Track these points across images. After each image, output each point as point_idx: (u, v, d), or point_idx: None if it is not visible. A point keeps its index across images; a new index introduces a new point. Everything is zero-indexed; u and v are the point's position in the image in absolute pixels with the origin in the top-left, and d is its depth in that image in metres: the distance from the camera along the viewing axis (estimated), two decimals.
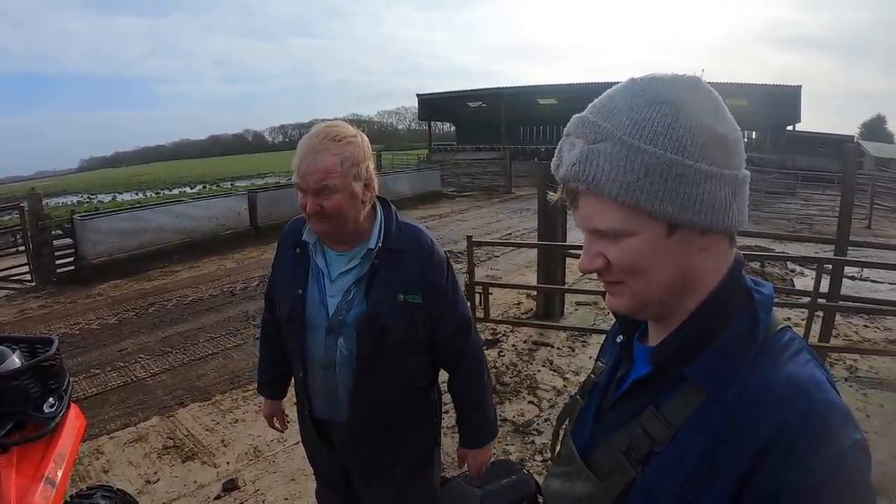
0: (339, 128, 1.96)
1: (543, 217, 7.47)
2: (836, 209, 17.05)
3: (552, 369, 6.05)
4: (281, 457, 4.50)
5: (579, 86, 32.76)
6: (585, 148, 0.89)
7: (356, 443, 2.21)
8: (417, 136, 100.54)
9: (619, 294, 0.98)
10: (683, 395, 0.92)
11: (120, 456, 4.66)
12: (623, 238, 0.91)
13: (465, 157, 31.73)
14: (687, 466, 0.87)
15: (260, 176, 61.10)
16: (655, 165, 0.85)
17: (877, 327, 7.26)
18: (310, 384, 2.19)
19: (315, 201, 1.93)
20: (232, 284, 10.37)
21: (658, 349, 0.97)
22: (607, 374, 1.14)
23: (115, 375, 6.42)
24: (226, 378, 6.22)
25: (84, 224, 11.58)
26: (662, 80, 0.90)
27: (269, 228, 14.26)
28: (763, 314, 0.93)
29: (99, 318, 8.69)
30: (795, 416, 0.80)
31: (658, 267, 0.91)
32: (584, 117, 0.92)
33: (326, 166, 1.90)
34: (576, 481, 1.06)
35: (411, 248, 2.11)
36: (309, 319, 2.11)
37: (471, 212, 19.37)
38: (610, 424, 1.03)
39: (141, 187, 60.12)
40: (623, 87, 0.93)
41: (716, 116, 0.89)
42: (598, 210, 0.91)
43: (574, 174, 0.90)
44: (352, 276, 2.08)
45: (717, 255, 0.94)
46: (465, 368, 2.29)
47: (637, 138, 0.86)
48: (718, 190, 0.87)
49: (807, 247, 10.41)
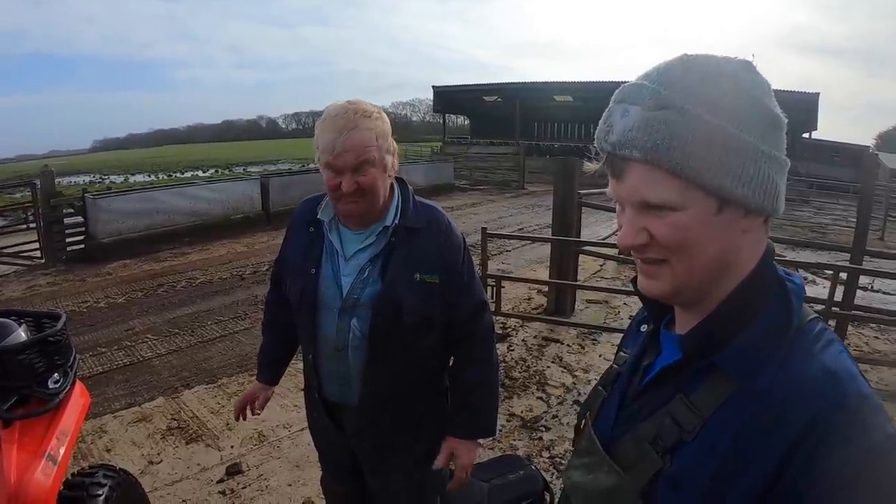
0: (362, 104, 1.93)
1: (559, 213, 7.43)
2: (850, 219, 17.19)
3: (562, 366, 6.00)
4: (286, 443, 4.46)
5: (596, 84, 32.82)
6: (645, 114, 0.85)
7: (368, 427, 2.15)
8: (431, 128, 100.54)
9: (658, 276, 0.94)
10: (714, 384, 0.89)
11: (123, 435, 4.63)
12: (671, 212, 0.87)
13: (478, 151, 31.67)
14: (717, 456, 0.84)
15: (272, 162, 61.29)
16: (717, 137, 0.82)
17: (887, 339, 7.19)
18: (321, 366, 2.13)
19: (352, 178, 1.88)
20: (242, 268, 10.36)
21: (689, 336, 0.94)
22: (632, 363, 1.10)
23: (122, 355, 6.41)
24: (233, 361, 6.19)
25: (95, 203, 11.60)
26: (717, 58, 0.88)
27: (281, 214, 14.19)
28: (796, 302, 0.90)
29: (107, 297, 8.69)
30: (830, 406, 0.79)
31: (703, 245, 0.88)
32: (640, 84, 0.88)
33: (364, 141, 1.86)
34: (598, 472, 1.03)
35: (428, 227, 2.06)
36: (322, 299, 2.05)
37: (483, 205, 19.34)
38: (635, 414, 1.01)
39: (153, 169, 60.22)
40: (677, 60, 0.89)
41: (771, 98, 0.87)
42: (650, 181, 0.87)
43: (629, 140, 0.86)
44: (367, 255, 2.03)
45: (755, 238, 0.91)
46: (476, 352, 2.22)
47: (700, 109, 0.83)
48: (772, 171, 0.86)
49: (819, 255, 10.34)
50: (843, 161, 28.75)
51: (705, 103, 0.83)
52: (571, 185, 7.33)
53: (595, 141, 0.93)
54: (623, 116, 0.88)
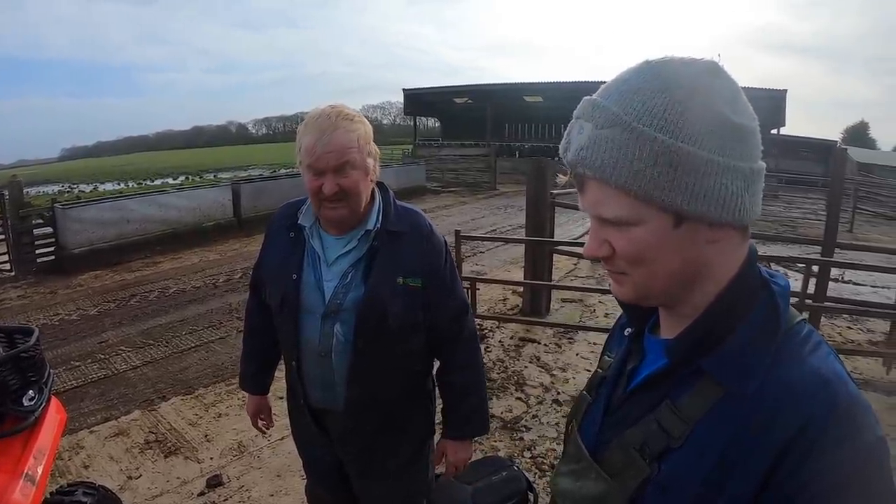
0: (345, 108, 1.95)
1: (531, 213, 7.46)
2: (819, 212, 17.49)
3: (539, 366, 6.03)
4: (266, 452, 4.43)
5: (566, 84, 33.01)
6: (594, 133, 0.86)
7: (354, 432, 2.15)
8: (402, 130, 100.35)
9: (623, 282, 0.95)
10: (701, 389, 0.88)
11: (101, 451, 4.57)
12: (629, 227, 0.88)
13: (450, 153, 31.68)
14: (708, 462, 0.84)
15: (243, 168, 60.82)
16: (665, 154, 0.81)
17: (860, 329, 7.34)
18: (304, 373, 2.12)
19: (334, 181, 1.88)
20: (215, 276, 10.28)
21: (675, 342, 0.93)
22: (616, 368, 1.09)
23: (96, 368, 6.32)
24: (209, 371, 6.14)
25: (65, 213, 11.41)
26: (678, 63, 0.86)
27: (253, 220, 14.14)
28: (783, 304, 0.90)
29: (79, 309, 8.57)
30: (821, 409, 0.79)
31: (663, 258, 0.88)
32: (594, 100, 0.89)
33: (345, 142, 1.87)
34: (586, 480, 1.02)
35: (410, 231, 2.07)
36: (304, 304, 2.05)
37: (455, 207, 19.37)
38: (621, 420, 1.00)
39: (123, 177, 59.48)
40: (637, 68, 0.88)
41: (732, 105, 0.85)
42: (604, 197, 0.88)
43: (581, 159, 0.87)
44: (349, 259, 2.03)
45: (727, 248, 0.90)
46: (462, 355, 2.24)
47: (647, 125, 0.82)
48: (731, 182, 0.84)
49: (790, 248, 10.46)
50: (811, 156, 29.21)
51: (656, 119, 0.82)
52: (544, 186, 7.36)
53: (559, 152, 0.94)
54: (579, 133, 0.89)
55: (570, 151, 0.90)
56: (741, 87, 0.88)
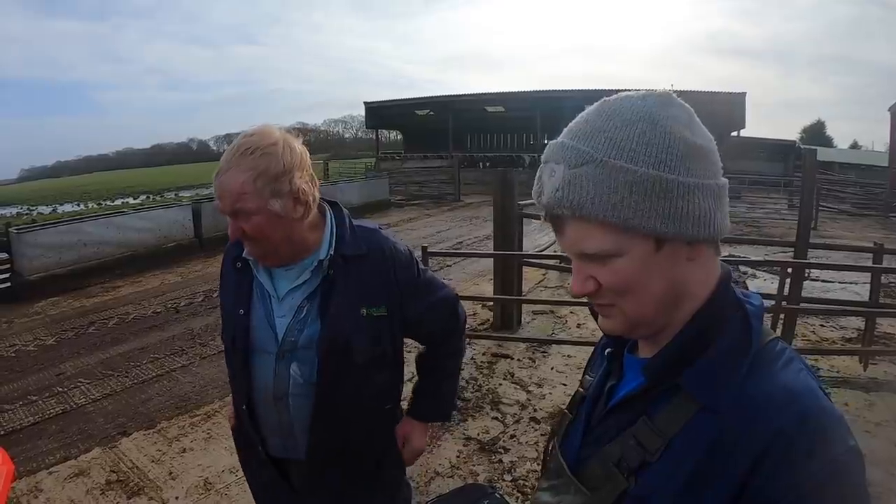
0: (255, 137, 1.73)
1: (499, 226, 7.36)
2: (782, 212, 17.75)
3: (514, 382, 5.93)
4: (234, 489, 4.24)
5: (526, 94, 33.50)
6: (568, 173, 0.90)
7: (321, 481, 1.98)
8: (364, 144, 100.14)
9: (612, 315, 0.98)
10: (677, 405, 0.92)
11: (60, 493, 4.34)
12: (612, 259, 0.91)
13: (413, 166, 31.78)
14: (683, 476, 0.87)
15: (205, 185, 60.10)
16: (639, 183, 0.86)
17: (833, 326, 7.45)
18: (259, 418, 1.95)
19: (235, 224, 1.73)
20: (176, 300, 10.01)
21: (652, 361, 0.97)
22: (597, 386, 1.13)
23: (54, 402, 6.06)
24: (171, 403, 5.91)
25: (20, 237, 11.07)
26: (634, 98, 0.92)
27: (215, 240, 13.81)
28: (755, 324, 0.94)
29: (36, 339, 8.25)
30: (792, 422, 0.82)
31: (649, 284, 0.92)
32: (562, 143, 0.93)
33: (234, 187, 1.68)
34: (565, 494, 1.05)
35: (370, 253, 1.91)
36: (255, 344, 1.89)
37: (420, 220, 19.33)
38: (600, 436, 1.03)
39: (83, 198, 58.56)
40: (596, 109, 0.94)
41: (690, 128, 0.90)
42: (584, 234, 0.91)
43: (558, 200, 0.90)
44: (301, 293, 1.87)
45: (704, 264, 0.95)
46: (454, 343, 2.19)
47: (618, 158, 0.87)
48: (702, 200, 0.88)
49: (756, 249, 10.50)
50: (770, 156, 29.70)
51: (624, 151, 0.87)
52: (511, 197, 7.30)
53: (533, 197, 0.97)
54: (551, 176, 0.92)
55: (544, 195, 0.93)
56: (688, 93, 0.93)
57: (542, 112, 31.14)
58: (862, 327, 6.65)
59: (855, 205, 21.10)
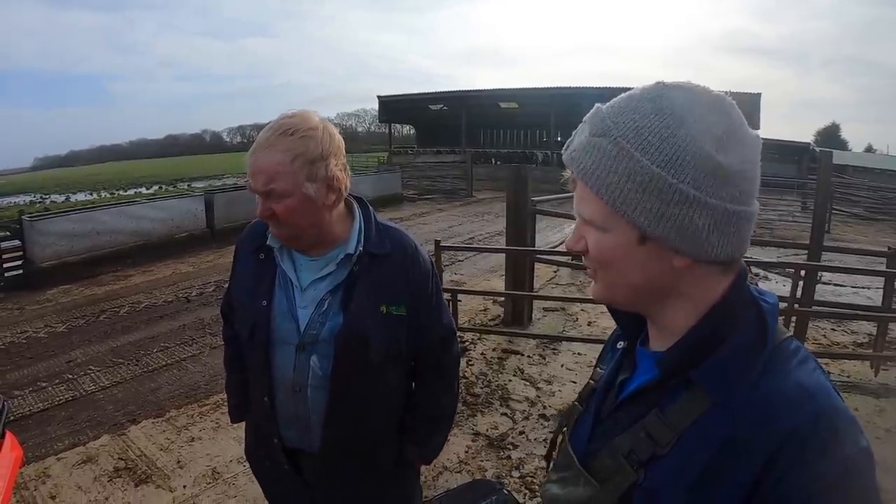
0: (295, 119, 1.71)
1: (512, 222, 7.33)
2: (795, 214, 17.63)
3: (524, 379, 5.90)
4: (241, 479, 4.23)
5: (540, 90, 33.26)
6: (587, 138, 0.91)
7: (334, 476, 1.96)
8: (377, 138, 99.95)
9: (595, 280, 1.01)
10: (689, 399, 0.91)
11: (68, 480, 4.35)
12: (600, 231, 0.93)
13: (425, 161, 31.72)
14: (694, 470, 0.87)
15: (217, 177, 60.27)
16: (639, 174, 0.86)
17: (844, 330, 7.38)
18: (277, 410, 1.92)
19: (265, 204, 1.70)
20: (187, 290, 10.04)
21: (667, 354, 0.95)
22: (607, 379, 1.13)
23: (63, 389, 6.08)
24: (180, 392, 5.92)
25: (33, 225, 11.12)
26: (681, 90, 0.89)
27: (227, 231, 13.87)
28: (771, 321, 0.93)
29: (47, 326, 8.29)
30: (806, 421, 0.81)
31: (625, 269, 0.94)
32: (599, 108, 0.94)
33: (272, 166, 1.66)
34: (575, 486, 1.05)
35: (394, 253, 1.88)
36: (276, 335, 1.85)
37: (432, 215, 19.26)
38: (611, 429, 1.03)
39: (95, 187, 58.69)
40: (646, 87, 0.92)
41: (720, 142, 0.86)
42: (583, 197, 0.94)
43: (573, 158, 0.94)
44: (326, 285, 1.84)
45: (699, 277, 0.93)
46: (441, 383, 2.11)
47: (631, 143, 0.86)
48: (698, 216, 0.86)
49: (768, 251, 10.41)
50: (784, 158, 29.49)
51: (640, 139, 0.86)
52: (524, 193, 7.25)
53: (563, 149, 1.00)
54: (579, 135, 0.94)
55: (569, 148, 0.96)
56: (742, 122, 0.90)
57: (556, 109, 31.09)
58: (874, 332, 6.56)
59: (868, 209, 20.92)
